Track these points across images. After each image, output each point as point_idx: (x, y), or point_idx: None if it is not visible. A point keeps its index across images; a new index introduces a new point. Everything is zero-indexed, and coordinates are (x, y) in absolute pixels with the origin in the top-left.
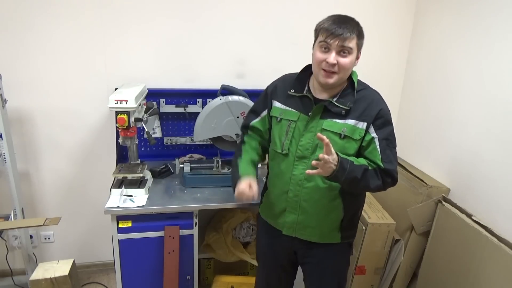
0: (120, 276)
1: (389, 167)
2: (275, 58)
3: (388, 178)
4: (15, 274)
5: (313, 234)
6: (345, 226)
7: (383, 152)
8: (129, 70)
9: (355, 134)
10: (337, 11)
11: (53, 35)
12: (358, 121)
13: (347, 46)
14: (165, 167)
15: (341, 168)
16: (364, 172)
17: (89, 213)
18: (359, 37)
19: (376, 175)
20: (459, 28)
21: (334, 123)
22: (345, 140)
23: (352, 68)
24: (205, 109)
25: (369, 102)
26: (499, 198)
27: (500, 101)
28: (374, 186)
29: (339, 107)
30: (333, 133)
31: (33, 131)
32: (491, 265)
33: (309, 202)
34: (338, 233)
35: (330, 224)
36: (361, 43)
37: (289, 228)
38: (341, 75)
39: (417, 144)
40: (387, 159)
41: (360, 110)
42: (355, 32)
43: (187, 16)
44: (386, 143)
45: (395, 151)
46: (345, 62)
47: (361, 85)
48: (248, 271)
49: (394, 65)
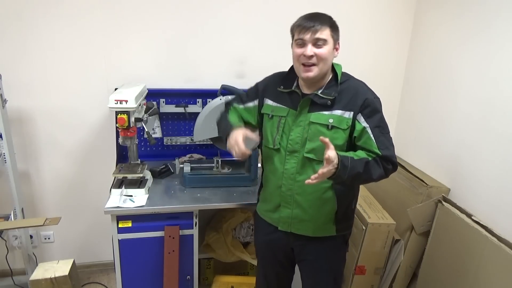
0: (120, 276)
1: (387, 153)
2: (275, 58)
3: (388, 165)
4: (15, 274)
5: (308, 228)
6: (340, 218)
7: (378, 139)
8: (129, 70)
9: (342, 123)
10: (337, 11)
11: (53, 35)
12: (345, 111)
13: (321, 38)
14: (165, 167)
15: (342, 167)
16: (365, 165)
17: (89, 213)
18: (332, 29)
19: (377, 164)
20: (459, 28)
21: (321, 115)
22: (333, 130)
23: (331, 59)
24: (205, 109)
25: (354, 92)
26: (499, 198)
27: (500, 100)
28: (377, 176)
29: (324, 98)
30: (321, 125)
31: (33, 131)
32: (491, 265)
33: (302, 196)
34: (333, 226)
35: (325, 217)
36: (336, 35)
37: (284, 223)
38: (321, 66)
39: (417, 144)
40: (383, 145)
41: (345, 100)
42: (326, 24)
43: (187, 16)
44: (379, 130)
45: (389, 136)
46: (322, 52)
47: (345, 76)
48: (248, 271)
49: (394, 65)
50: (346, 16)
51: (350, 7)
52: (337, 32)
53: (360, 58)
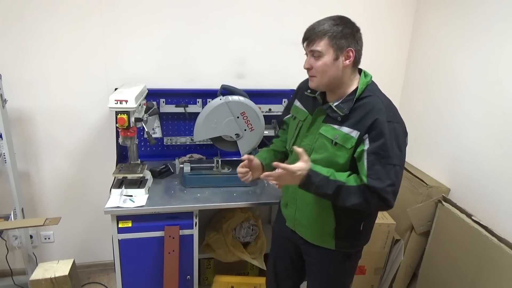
0: (120, 276)
1: (374, 184)
2: (275, 58)
3: (373, 198)
4: (15, 274)
5: (306, 233)
6: (341, 235)
7: (371, 167)
8: (129, 70)
9: (347, 143)
10: (337, 11)
11: (53, 35)
12: (352, 130)
13: (316, 50)
14: (165, 167)
15: (307, 180)
16: (337, 189)
17: (89, 213)
18: (332, 39)
19: (358, 192)
20: (459, 28)
21: (330, 128)
22: (337, 147)
23: (335, 70)
24: (205, 109)
25: (367, 110)
26: (499, 198)
27: (500, 101)
28: (351, 204)
29: (336, 113)
30: (327, 138)
31: (33, 131)
32: (491, 265)
33: (303, 202)
34: (331, 240)
35: (321, 229)
36: (341, 43)
37: (290, 221)
38: (319, 78)
39: (417, 144)
40: (374, 175)
41: (357, 118)
42: (323, 34)
43: (188, 16)
44: (375, 157)
45: (390, 168)
46: (317, 65)
47: (369, 91)
48: (248, 271)
49: (394, 65)
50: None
51: (350, 7)
52: (342, 39)
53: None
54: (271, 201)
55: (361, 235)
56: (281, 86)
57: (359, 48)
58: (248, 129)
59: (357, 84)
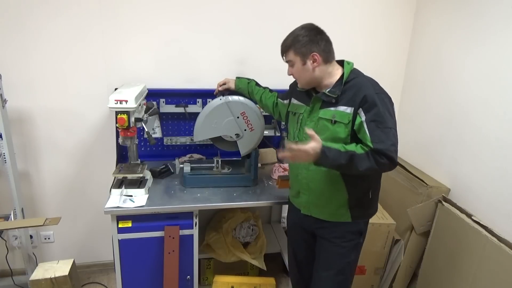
0: (120, 276)
1: (380, 146)
2: (275, 58)
3: (381, 158)
4: (15, 274)
5: (323, 213)
6: (354, 204)
7: (372, 133)
8: (129, 70)
9: (344, 118)
10: (337, 11)
11: (53, 35)
12: (347, 107)
13: (288, 60)
14: (165, 167)
15: (324, 156)
16: (350, 158)
17: (89, 213)
18: (294, 48)
19: (367, 157)
20: (459, 28)
21: (327, 111)
22: (336, 124)
23: (309, 72)
24: (205, 109)
25: (356, 89)
26: (499, 198)
27: (500, 101)
28: (364, 168)
29: (329, 96)
30: (326, 119)
31: (33, 131)
32: (491, 265)
33: (315, 183)
34: (347, 211)
35: (337, 203)
36: (304, 50)
37: (305, 208)
38: (300, 80)
39: (417, 144)
40: (377, 139)
41: (348, 97)
42: (288, 46)
43: (187, 16)
44: (374, 124)
45: (388, 131)
46: (293, 71)
47: (354, 74)
48: (248, 271)
49: (394, 65)
50: (346, 16)
51: (350, 7)
52: (303, 47)
53: (360, 58)
54: (271, 201)
55: (371, 202)
56: (281, 86)
57: (323, 48)
58: (248, 129)
59: (341, 73)
